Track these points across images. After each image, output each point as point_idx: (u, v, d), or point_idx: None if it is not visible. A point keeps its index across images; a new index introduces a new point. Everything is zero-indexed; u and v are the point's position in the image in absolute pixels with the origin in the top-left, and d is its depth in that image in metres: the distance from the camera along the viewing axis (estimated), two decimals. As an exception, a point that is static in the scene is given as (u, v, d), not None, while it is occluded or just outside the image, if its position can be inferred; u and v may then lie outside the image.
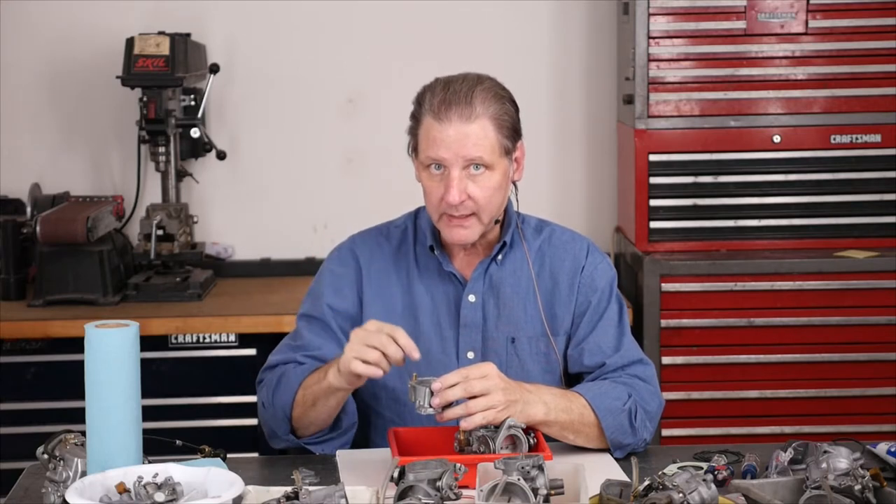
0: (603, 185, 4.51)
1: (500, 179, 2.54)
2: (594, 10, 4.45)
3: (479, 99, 2.50)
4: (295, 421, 2.53)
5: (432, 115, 2.50)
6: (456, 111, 2.49)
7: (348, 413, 2.56)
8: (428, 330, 2.62)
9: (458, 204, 2.50)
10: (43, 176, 4.35)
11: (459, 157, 2.49)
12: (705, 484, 2.04)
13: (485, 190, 2.51)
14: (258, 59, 4.43)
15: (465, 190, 2.50)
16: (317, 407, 2.48)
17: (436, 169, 2.52)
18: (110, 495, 2.04)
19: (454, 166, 2.49)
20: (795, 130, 4.03)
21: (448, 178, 2.50)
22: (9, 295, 4.02)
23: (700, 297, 3.91)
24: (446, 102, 2.50)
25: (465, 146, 2.49)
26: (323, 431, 2.54)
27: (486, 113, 2.50)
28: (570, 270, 2.66)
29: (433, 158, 2.51)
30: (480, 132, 2.49)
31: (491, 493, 2.07)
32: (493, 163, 2.51)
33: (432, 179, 2.53)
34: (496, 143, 2.51)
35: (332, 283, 2.66)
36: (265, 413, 2.59)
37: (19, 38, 4.37)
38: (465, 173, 2.50)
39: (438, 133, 2.49)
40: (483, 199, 2.52)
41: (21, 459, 2.72)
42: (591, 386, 2.55)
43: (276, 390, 2.55)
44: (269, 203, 4.47)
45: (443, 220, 2.55)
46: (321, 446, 2.55)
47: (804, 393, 3.93)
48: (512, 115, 2.56)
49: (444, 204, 2.51)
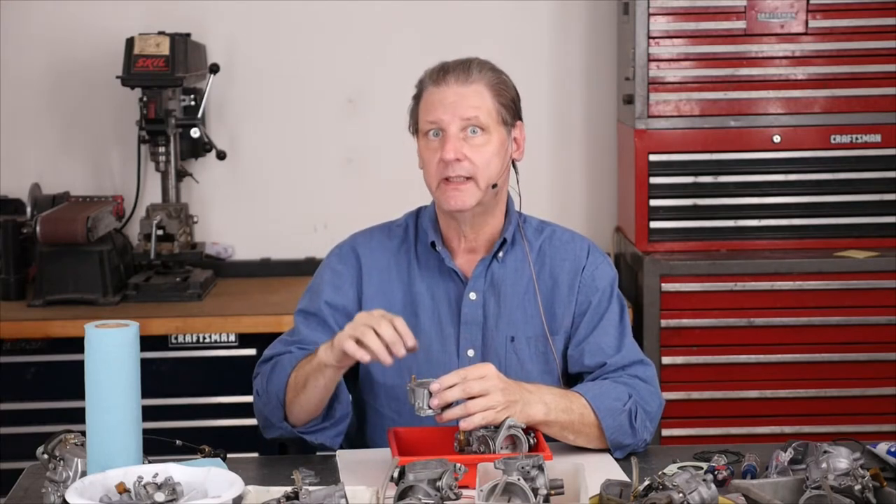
0: (603, 185, 4.51)
1: (497, 146, 2.56)
2: (594, 10, 4.45)
3: (477, 67, 2.58)
4: (288, 407, 2.51)
5: (431, 83, 2.58)
6: (453, 75, 2.56)
7: (342, 402, 2.54)
8: (428, 327, 2.62)
9: (454, 161, 2.52)
10: (43, 176, 4.35)
11: (456, 116, 2.53)
12: (705, 484, 2.04)
13: (481, 153, 2.54)
14: (258, 59, 4.43)
15: (462, 150, 2.53)
16: (307, 389, 2.46)
17: (434, 135, 2.56)
18: (110, 495, 2.04)
19: (451, 125, 2.53)
20: (795, 130, 4.03)
21: (445, 137, 2.53)
22: (9, 295, 4.02)
23: (700, 297, 3.92)
24: (444, 69, 2.58)
25: (462, 105, 2.54)
26: (316, 420, 2.52)
27: (482, 79, 2.56)
28: (571, 270, 2.66)
29: (431, 121, 2.55)
30: (476, 95, 2.55)
31: (491, 493, 2.07)
32: (489, 126, 2.55)
33: (430, 145, 2.57)
34: (493, 109, 2.56)
35: (332, 280, 2.66)
36: (259, 401, 2.58)
37: (19, 39, 4.37)
38: (462, 134, 2.54)
39: (437, 96, 2.56)
40: (480, 162, 2.54)
41: (21, 459, 2.72)
42: (592, 386, 2.55)
43: (270, 377, 2.54)
44: (269, 203, 4.47)
45: (441, 188, 2.56)
46: (315, 436, 2.53)
47: (804, 393, 3.93)
48: (511, 89, 2.61)
49: (441, 165, 2.53)
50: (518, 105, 2.63)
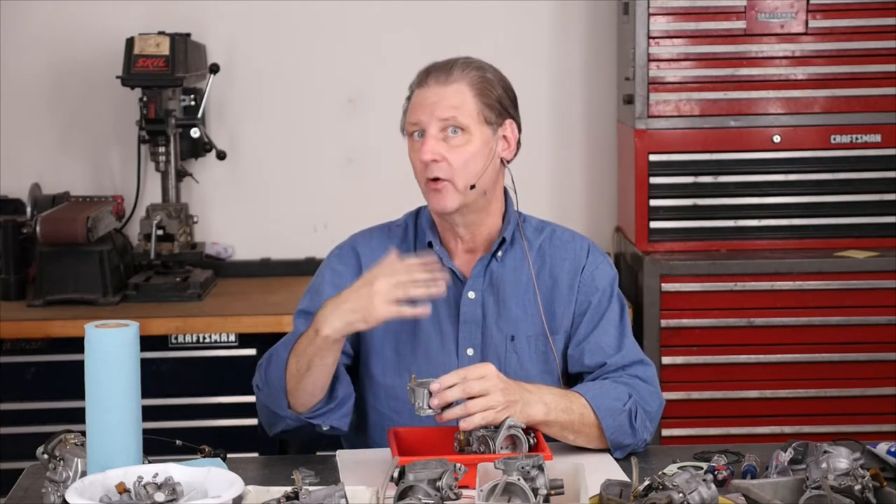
0: (603, 185, 4.51)
1: (478, 147, 2.54)
2: (594, 10, 4.45)
3: (460, 67, 2.56)
4: (291, 394, 2.48)
5: (416, 86, 2.58)
6: (434, 76, 2.56)
7: (342, 382, 2.53)
8: (427, 326, 2.62)
9: (430, 162, 2.51)
10: (43, 176, 4.35)
11: (434, 116, 2.53)
12: (705, 484, 2.04)
13: (460, 153, 2.53)
14: (258, 59, 4.43)
15: (440, 151, 2.52)
16: (313, 370, 2.44)
17: (418, 136, 2.55)
18: (110, 495, 2.04)
19: (430, 126, 2.53)
20: (795, 130, 4.03)
21: (424, 138, 2.53)
22: (9, 295, 4.02)
23: (700, 297, 3.92)
24: (427, 71, 2.58)
25: (439, 106, 2.53)
26: (320, 403, 2.49)
27: (463, 78, 2.55)
28: (571, 270, 2.66)
29: (413, 123, 2.56)
30: (456, 95, 2.54)
31: (491, 493, 2.07)
32: (468, 126, 2.53)
33: (414, 147, 2.57)
34: (474, 108, 2.54)
35: (332, 281, 2.65)
36: (261, 395, 2.55)
37: (19, 39, 4.37)
38: (442, 135, 2.53)
39: (418, 97, 2.56)
40: (457, 163, 2.52)
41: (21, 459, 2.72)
42: (592, 386, 2.55)
43: (268, 369, 2.52)
44: (269, 203, 4.47)
45: (426, 189, 2.57)
46: (322, 419, 2.50)
47: (804, 393, 3.93)
48: (496, 88, 2.58)
49: (423, 166, 2.54)
50: (508, 103, 2.60)
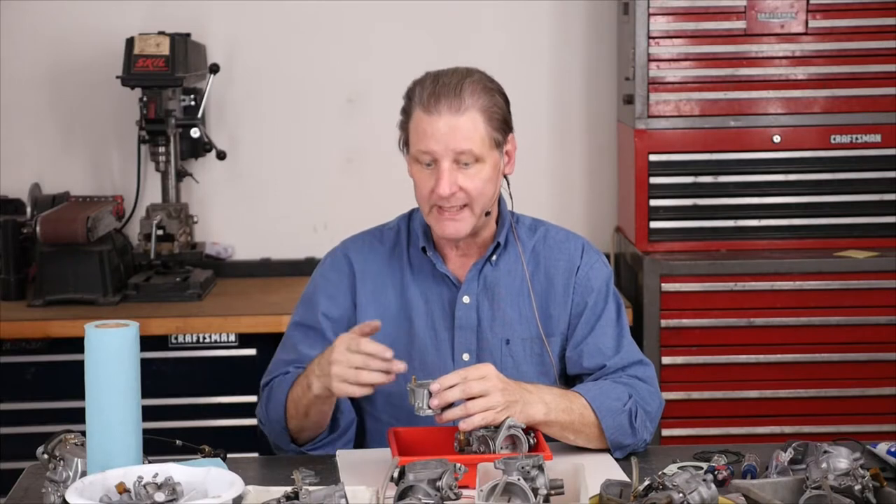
0: (603, 185, 4.51)
1: (490, 172, 2.53)
2: (594, 10, 4.45)
3: (469, 91, 2.50)
4: (293, 432, 2.55)
5: (422, 109, 2.50)
6: (445, 103, 2.49)
7: (344, 412, 2.56)
8: (423, 332, 2.62)
9: (450, 196, 2.50)
10: (43, 176, 4.35)
11: (449, 149, 2.49)
12: (705, 484, 2.04)
13: (476, 182, 2.51)
14: (258, 59, 4.43)
15: (456, 182, 2.50)
16: (310, 416, 2.50)
17: (427, 164, 2.52)
18: (110, 495, 2.04)
19: (444, 158, 2.49)
20: (795, 130, 4.03)
21: (438, 171, 2.50)
22: (9, 295, 4.02)
23: (700, 297, 3.91)
24: (435, 95, 2.49)
25: (454, 138, 2.48)
26: (323, 435, 2.55)
27: (475, 105, 2.50)
28: (566, 271, 2.65)
29: (424, 152, 2.51)
30: (470, 124, 2.49)
31: (491, 493, 2.07)
32: (483, 155, 2.51)
33: (423, 172, 2.53)
34: (486, 136, 2.51)
35: (326, 290, 2.65)
36: (264, 428, 2.62)
37: (19, 38, 4.37)
38: (455, 166, 2.50)
39: (428, 126, 2.49)
40: (475, 191, 2.51)
41: (21, 459, 2.72)
42: (592, 386, 2.55)
43: (268, 406, 2.57)
44: (269, 203, 4.47)
45: (433, 214, 2.55)
46: (326, 448, 2.56)
47: (804, 393, 3.93)
48: (502, 107, 2.55)
49: (434, 196, 2.51)
50: (509, 118, 2.58)
